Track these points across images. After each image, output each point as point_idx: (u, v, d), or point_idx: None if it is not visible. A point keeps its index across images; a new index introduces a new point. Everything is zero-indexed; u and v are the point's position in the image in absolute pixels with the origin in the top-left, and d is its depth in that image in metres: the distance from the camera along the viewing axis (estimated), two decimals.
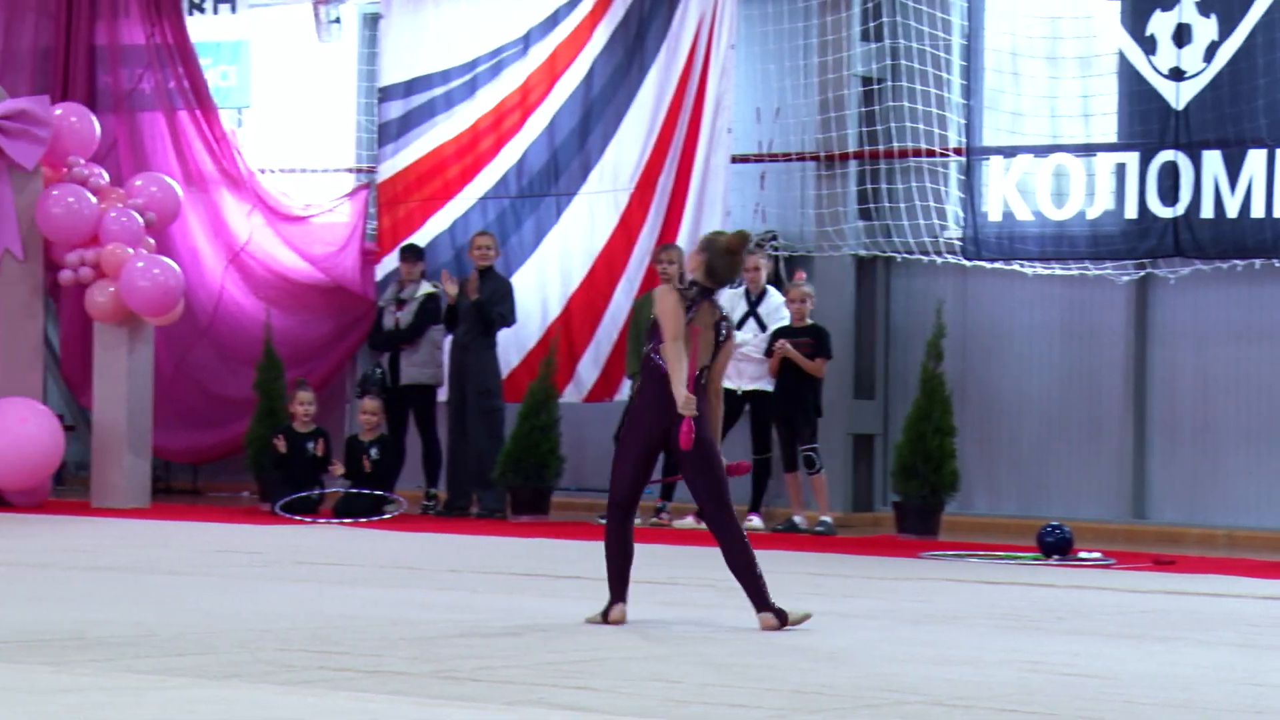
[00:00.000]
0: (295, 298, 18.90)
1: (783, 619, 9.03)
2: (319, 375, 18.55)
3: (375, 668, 7.37)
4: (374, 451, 16.48)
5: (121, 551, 12.81)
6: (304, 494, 16.30)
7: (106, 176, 17.35)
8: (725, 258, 9.18)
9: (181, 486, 19.48)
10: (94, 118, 17.59)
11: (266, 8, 19.57)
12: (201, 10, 19.68)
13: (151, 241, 17.14)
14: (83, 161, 17.15)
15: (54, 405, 18.30)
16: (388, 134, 18.71)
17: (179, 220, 18.22)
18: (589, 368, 17.56)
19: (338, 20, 19.31)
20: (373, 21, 19.28)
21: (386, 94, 18.73)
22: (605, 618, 9.12)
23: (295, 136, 19.48)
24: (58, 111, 17.21)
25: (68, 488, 18.71)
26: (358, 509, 16.07)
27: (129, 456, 16.89)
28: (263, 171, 19.25)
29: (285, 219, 19.07)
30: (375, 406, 16.69)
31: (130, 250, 16.78)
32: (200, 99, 19.15)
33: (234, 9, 19.64)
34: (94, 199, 16.94)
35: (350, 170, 19.43)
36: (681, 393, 8.99)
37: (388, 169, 18.68)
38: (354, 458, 16.45)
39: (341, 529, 15.36)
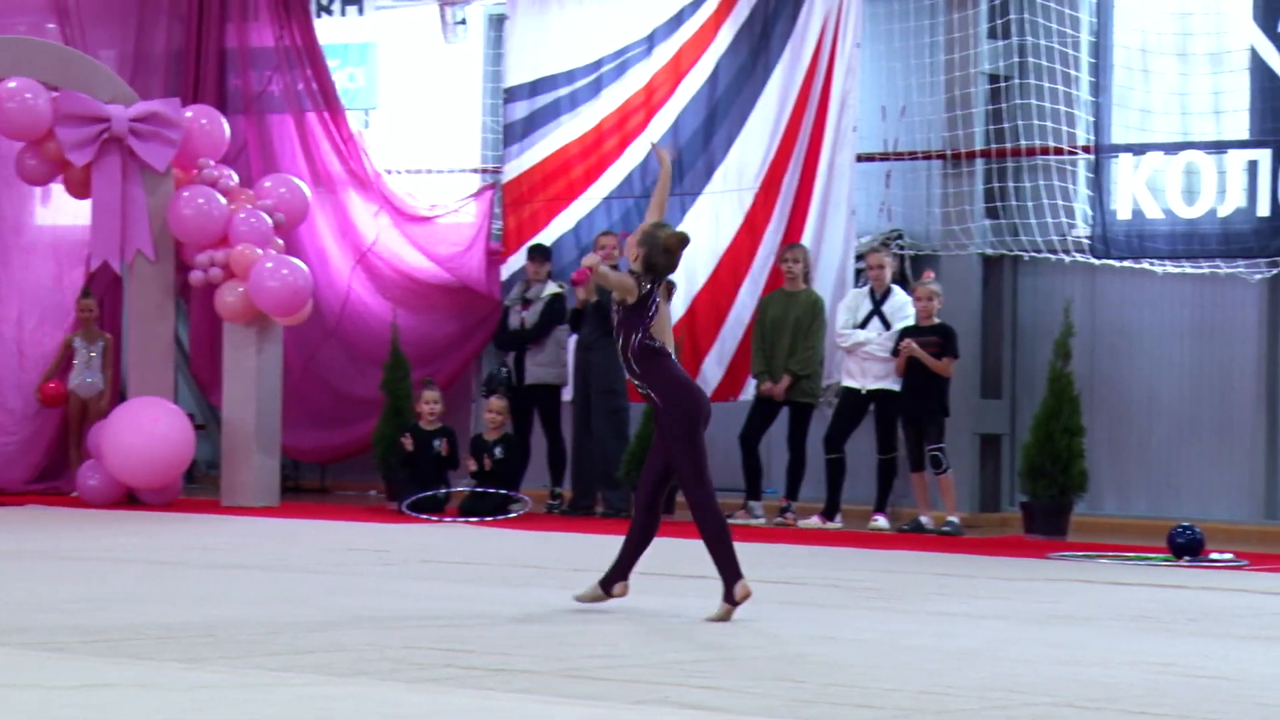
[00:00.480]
0: (421, 297, 19.02)
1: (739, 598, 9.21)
2: (445, 375, 18.65)
3: (501, 666, 7.39)
4: (499, 450, 16.55)
5: (251, 549, 12.93)
6: (430, 493, 16.40)
7: (236, 178, 17.51)
8: (664, 255, 9.29)
9: (310, 485, 19.64)
10: (224, 120, 17.76)
11: (393, 10, 19.70)
12: (329, 12, 19.84)
13: (280, 242, 17.28)
14: (213, 163, 17.33)
15: (185, 404, 18.49)
16: (513, 134, 18.78)
17: (307, 221, 18.38)
18: (713, 367, 17.54)
19: (463, 21, 19.41)
20: (498, 22, 19.37)
21: (511, 94, 18.80)
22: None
23: (421, 137, 19.59)
24: (188, 114, 17.39)
25: (198, 486, 18.92)
26: (483, 508, 16.14)
27: (258, 455, 17.05)
28: (389, 172, 19.38)
29: (411, 219, 19.19)
30: (501, 406, 16.75)
31: (259, 251, 16.93)
32: (328, 100, 19.31)
33: (361, 11, 19.78)
34: (224, 200, 17.11)
35: (475, 171, 19.52)
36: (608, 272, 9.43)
37: (513, 169, 18.74)
38: (479, 457, 16.52)
39: (467, 527, 15.43)
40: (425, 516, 16.05)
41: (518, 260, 18.32)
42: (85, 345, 18.01)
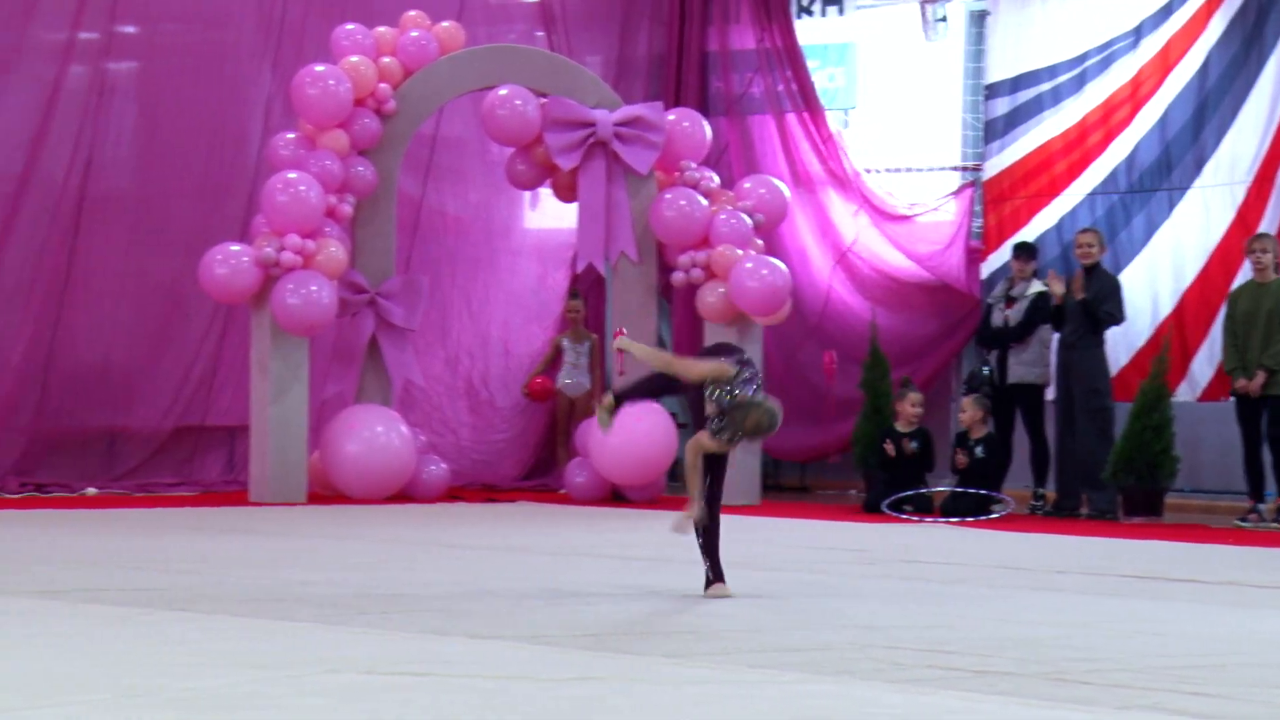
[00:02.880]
0: (900, 296, 18.96)
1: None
2: (923, 374, 18.55)
3: (983, 668, 7.29)
4: (980, 450, 16.40)
5: (730, 548, 13.01)
6: (910, 492, 16.32)
7: (717, 180, 17.72)
8: (737, 429, 10.23)
9: (789, 484, 19.75)
10: (705, 122, 17.98)
11: (873, 9, 19.70)
12: (809, 14, 19.94)
13: (760, 242, 17.42)
14: (694, 165, 17.56)
15: (668, 403, 18.77)
16: (994, 131, 18.60)
17: (787, 221, 18.49)
18: (1203, 366, 17.06)
19: (944, 19, 19.29)
20: (979, 19, 19.19)
21: (993, 91, 18.62)
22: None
23: (900, 136, 19.53)
24: (671, 117, 17.66)
25: (680, 484, 19.15)
26: (965, 508, 16.00)
27: (738, 454, 17.16)
28: (868, 171, 19.38)
29: (890, 218, 19.16)
30: (969, 404, 16.60)
31: (739, 251, 17.10)
32: (808, 101, 19.41)
33: (841, 11, 19.84)
34: (705, 202, 17.32)
35: (955, 168, 19.37)
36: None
37: (994, 166, 18.56)
38: (953, 454, 16.42)
39: (948, 528, 15.32)
40: (905, 516, 15.98)
41: (998, 258, 18.13)
42: (573, 345, 18.45)
